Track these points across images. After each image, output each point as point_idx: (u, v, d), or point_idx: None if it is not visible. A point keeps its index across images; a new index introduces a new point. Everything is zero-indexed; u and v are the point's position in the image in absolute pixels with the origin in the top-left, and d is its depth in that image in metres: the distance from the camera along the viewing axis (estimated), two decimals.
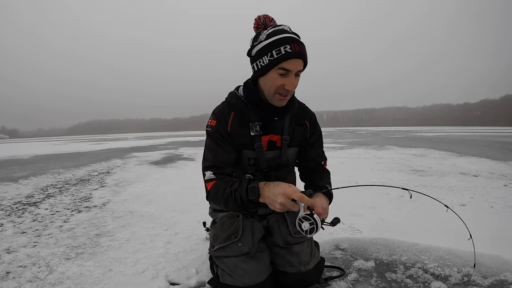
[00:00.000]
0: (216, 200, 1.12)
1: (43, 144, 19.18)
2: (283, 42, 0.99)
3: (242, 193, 1.02)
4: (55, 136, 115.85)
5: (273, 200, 0.96)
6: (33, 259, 1.62)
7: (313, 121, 1.30)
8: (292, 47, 0.99)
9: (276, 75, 1.02)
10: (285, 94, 1.06)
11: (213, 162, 1.14)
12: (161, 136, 29.30)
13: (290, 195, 0.94)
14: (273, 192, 0.96)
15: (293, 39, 1.01)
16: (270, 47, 1.00)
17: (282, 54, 0.98)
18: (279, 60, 0.99)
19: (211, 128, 1.16)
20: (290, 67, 1.00)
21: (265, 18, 1.08)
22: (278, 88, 1.04)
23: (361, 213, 2.31)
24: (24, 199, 3.11)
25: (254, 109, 1.13)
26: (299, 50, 1.00)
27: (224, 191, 1.07)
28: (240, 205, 1.04)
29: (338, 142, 11.89)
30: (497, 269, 1.37)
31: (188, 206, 2.61)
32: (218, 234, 1.17)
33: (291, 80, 1.02)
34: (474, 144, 9.25)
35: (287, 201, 0.94)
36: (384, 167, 4.71)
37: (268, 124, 1.16)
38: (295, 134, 1.23)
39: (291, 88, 1.03)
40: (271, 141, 1.19)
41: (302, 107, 1.29)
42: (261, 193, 1.00)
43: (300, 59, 1.01)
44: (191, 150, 9.64)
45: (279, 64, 1.00)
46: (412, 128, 40.86)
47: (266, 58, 1.02)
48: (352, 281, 1.31)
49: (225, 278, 1.11)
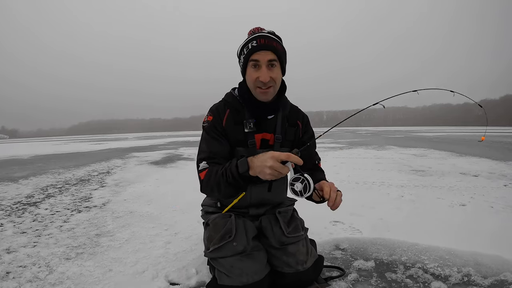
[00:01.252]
0: (208, 186, 1.12)
1: (43, 144, 19.17)
2: (252, 40, 1.12)
3: (233, 169, 1.03)
4: (55, 136, 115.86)
5: (262, 166, 0.95)
6: (33, 259, 1.62)
7: (305, 122, 1.34)
8: (258, 41, 1.10)
9: (251, 70, 1.13)
10: (263, 87, 1.13)
11: (207, 153, 1.17)
12: (161, 136, 29.30)
13: (278, 156, 0.94)
14: (262, 159, 0.97)
15: (261, 35, 1.12)
16: (243, 46, 1.14)
17: (249, 49, 1.11)
18: (248, 54, 1.11)
19: (207, 123, 1.21)
20: (258, 58, 1.10)
21: (255, 29, 1.19)
22: (255, 81, 1.13)
23: (361, 213, 2.31)
24: (24, 199, 3.11)
25: (248, 107, 1.19)
26: (265, 42, 1.10)
27: (216, 174, 1.08)
28: (232, 183, 1.04)
29: (338, 142, 11.88)
30: (497, 269, 1.37)
31: (188, 206, 2.61)
32: (212, 235, 1.17)
33: (263, 71, 1.11)
34: (474, 144, 9.25)
35: (276, 164, 0.93)
36: (384, 167, 4.71)
37: (261, 123, 1.21)
38: (287, 135, 1.27)
39: (265, 79, 1.10)
40: (264, 139, 1.22)
41: (295, 109, 1.34)
42: (250, 164, 1.00)
43: (268, 50, 1.10)
44: (191, 150, 9.64)
45: (250, 57, 1.11)
46: (412, 128, 40.89)
47: (242, 57, 1.15)
48: (352, 281, 1.31)
49: (222, 279, 1.11)
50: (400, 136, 16.45)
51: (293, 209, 1.38)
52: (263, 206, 1.32)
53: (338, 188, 1.10)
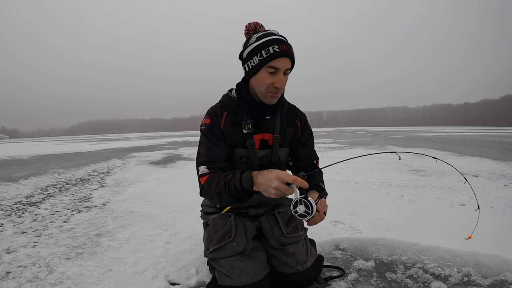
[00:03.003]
0: (209, 194, 1.11)
1: (43, 144, 19.18)
2: (272, 42, 1.07)
3: (236, 183, 1.01)
4: (55, 136, 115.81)
5: (267, 186, 0.94)
6: (33, 259, 1.62)
7: (304, 121, 1.34)
8: (280, 47, 1.06)
9: (266, 74, 1.09)
10: (275, 92, 1.12)
11: (207, 157, 1.15)
12: (161, 136, 29.30)
13: (284, 178, 0.93)
14: (267, 178, 0.95)
15: (280, 40, 1.08)
16: (259, 48, 1.07)
17: (270, 53, 1.06)
18: (268, 59, 1.06)
19: (205, 126, 1.20)
20: (278, 65, 1.07)
21: (255, 24, 1.15)
22: (268, 86, 1.10)
23: (361, 213, 2.31)
24: (24, 199, 3.11)
25: (246, 108, 1.19)
26: (287, 49, 1.07)
27: (217, 183, 1.06)
28: (234, 196, 1.03)
29: (338, 142, 11.89)
30: (497, 269, 1.37)
31: (188, 206, 2.61)
32: (211, 236, 1.17)
33: (280, 78, 1.09)
34: (474, 144, 9.25)
35: (281, 185, 0.92)
36: (384, 167, 4.71)
37: (260, 123, 1.21)
38: (286, 135, 1.27)
39: (280, 85, 1.10)
40: (263, 139, 1.22)
41: (293, 108, 1.33)
42: (255, 180, 0.98)
43: (288, 58, 1.08)
44: (191, 150, 9.64)
45: (268, 63, 1.07)
46: (412, 128, 40.89)
47: (256, 58, 1.08)
48: (352, 281, 1.31)
49: (223, 279, 1.11)
50: (400, 136, 16.45)
51: None
52: (262, 207, 1.32)
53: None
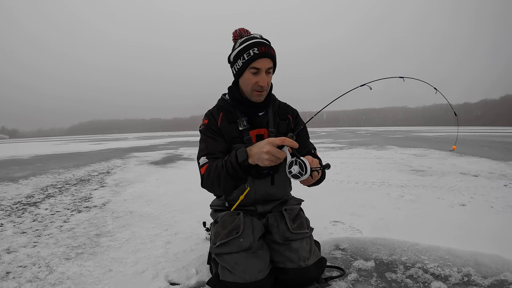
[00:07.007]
0: (209, 181, 1.15)
1: (43, 144, 19.18)
2: (252, 46, 1.17)
3: (232, 160, 1.06)
4: (55, 136, 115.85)
5: (260, 153, 0.99)
6: (33, 259, 1.62)
7: (295, 115, 1.42)
8: (259, 49, 1.16)
9: (249, 75, 1.19)
10: (260, 90, 1.21)
11: (206, 150, 1.22)
12: (161, 136, 29.30)
13: (273, 141, 0.98)
14: (259, 146, 1.01)
15: (260, 43, 1.17)
16: (242, 51, 1.18)
17: (251, 56, 1.16)
18: (249, 61, 1.16)
19: (203, 126, 1.29)
20: (259, 66, 1.17)
21: (241, 30, 1.25)
22: (253, 85, 1.20)
23: (361, 213, 2.31)
24: (24, 199, 3.11)
25: (239, 107, 1.28)
26: (266, 50, 1.17)
27: (216, 167, 1.12)
28: (232, 174, 1.06)
29: (338, 142, 11.89)
30: (497, 269, 1.37)
31: (188, 206, 2.61)
32: (219, 231, 1.19)
33: (263, 77, 1.18)
34: (474, 144, 9.25)
35: (272, 148, 0.97)
36: (384, 167, 4.71)
37: (253, 120, 1.29)
38: (280, 128, 1.34)
39: (263, 83, 1.19)
40: (258, 134, 1.29)
41: (284, 104, 1.42)
42: (249, 153, 1.03)
43: (268, 58, 1.17)
44: (191, 150, 9.64)
45: (251, 64, 1.17)
46: (412, 128, 40.88)
47: (240, 61, 1.19)
48: (352, 281, 1.31)
49: (225, 275, 1.12)
50: (400, 136, 16.45)
51: (300, 208, 1.39)
52: (269, 203, 1.35)
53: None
